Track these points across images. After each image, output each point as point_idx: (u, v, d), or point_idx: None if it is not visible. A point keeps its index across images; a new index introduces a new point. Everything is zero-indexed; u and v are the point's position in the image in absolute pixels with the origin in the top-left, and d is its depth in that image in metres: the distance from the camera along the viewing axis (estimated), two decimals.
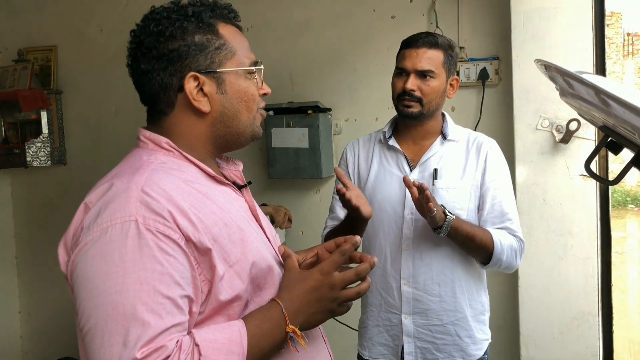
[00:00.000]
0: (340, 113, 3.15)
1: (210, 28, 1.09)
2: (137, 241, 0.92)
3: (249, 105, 1.13)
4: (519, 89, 2.61)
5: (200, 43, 1.07)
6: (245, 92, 1.12)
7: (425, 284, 1.83)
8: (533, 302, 2.63)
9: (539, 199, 2.61)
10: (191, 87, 1.07)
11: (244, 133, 1.14)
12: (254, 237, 1.10)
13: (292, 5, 3.17)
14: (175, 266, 0.94)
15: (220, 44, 1.09)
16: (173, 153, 1.09)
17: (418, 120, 1.84)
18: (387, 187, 1.88)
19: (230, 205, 1.09)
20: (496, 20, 2.81)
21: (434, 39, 1.81)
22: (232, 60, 1.10)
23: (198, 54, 1.07)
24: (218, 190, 1.10)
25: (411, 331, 1.85)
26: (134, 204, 0.95)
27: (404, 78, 1.81)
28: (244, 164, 3.62)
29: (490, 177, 1.84)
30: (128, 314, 0.89)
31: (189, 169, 1.08)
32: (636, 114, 0.55)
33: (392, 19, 2.99)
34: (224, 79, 1.09)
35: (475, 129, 2.80)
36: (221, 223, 1.02)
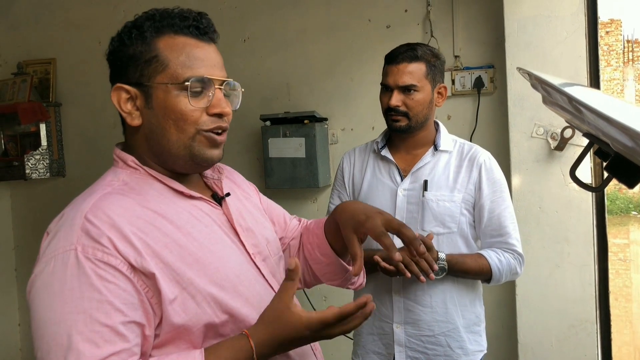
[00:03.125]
0: (336, 122, 3.16)
1: (143, 40, 1.04)
2: (76, 270, 0.91)
3: (178, 124, 1.03)
4: (514, 97, 2.62)
5: (132, 55, 1.04)
6: (173, 109, 1.02)
7: (417, 294, 1.82)
8: (531, 310, 2.62)
9: (535, 206, 2.61)
10: (117, 98, 1.05)
11: (178, 154, 1.05)
12: (223, 254, 1.05)
13: (288, 16, 3.20)
14: (115, 293, 0.92)
15: (151, 56, 1.03)
16: (139, 171, 1.06)
17: (408, 133, 1.84)
18: (379, 197, 1.88)
19: (194, 222, 1.04)
20: (491, 28, 2.82)
21: (413, 52, 1.80)
22: (162, 74, 1.03)
23: (129, 66, 1.05)
24: (184, 207, 1.05)
25: (402, 340, 1.85)
26: (76, 232, 0.94)
27: (388, 94, 1.82)
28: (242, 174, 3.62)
29: (486, 190, 1.83)
30: (65, 344, 0.88)
31: (153, 186, 1.05)
32: (606, 122, 0.56)
33: (387, 28, 3.01)
34: (152, 93, 1.03)
35: (471, 137, 2.81)
36: (173, 245, 0.99)
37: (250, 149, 3.34)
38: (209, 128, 1.04)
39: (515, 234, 1.87)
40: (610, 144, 0.64)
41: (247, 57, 3.27)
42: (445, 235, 1.81)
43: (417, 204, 1.82)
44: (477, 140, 2.77)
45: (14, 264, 3.79)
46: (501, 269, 1.81)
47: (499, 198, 1.84)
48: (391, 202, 1.86)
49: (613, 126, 0.55)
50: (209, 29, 1.08)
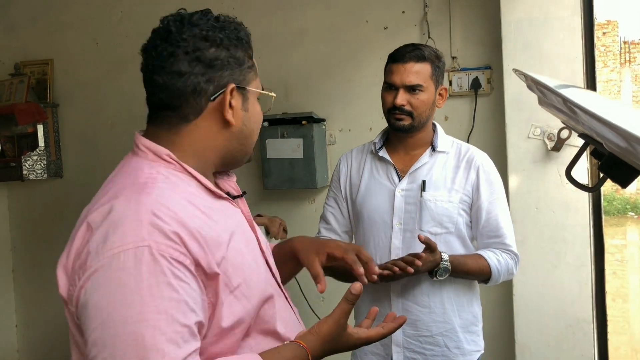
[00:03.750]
0: (334, 123, 3.17)
1: (248, 46, 1.12)
2: (153, 268, 0.90)
3: (259, 127, 1.16)
4: (511, 98, 2.63)
5: (239, 58, 1.09)
6: (259, 114, 1.15)
7: (415, 295, 1.83)
8: (528, 310, 2.63)
9: (532, 207, 2.62)
10: (230, 97, 1.07)
11: (249, 153, 1.16)
12: (253, 255, 1.11)
13: (286, 17, 3.21)
14: (189, 292, 0.92)
15: (250, 64, 1.11)
16: (174, 166, 1.05)
17: (410, 132, 1.85)
18: (377, 198, 1.89)
19: (230, 223, 1.07)
20: (487, 30, 2.83)
21: (421, 52, 1.81)
22: (255, 82, 1.13)
23: (236, 67, 1.08)
24: (217, 207, 1.07)
25: (400, 341, 1.86)
26: (145, 227, 0.92)
27: (393, 92, 1.81)
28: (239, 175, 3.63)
29: (484, 192, 1.84)
30: (148, 344, 0.87)
31: (190, 184, 1.05)
32: (600, 123, 0.56)
33: (384, 29, 3.02)
34: (249, 97, 1.11)
35: (468, 138, 2.82)
36: (224, 246, 1.01)
37: None
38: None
39: (511, 234, 1.88)
40: (604, 144, 0.65)
41: None
42: (442, 236, 1.83)
43: (415, 204, 1.83)
44: (474, 141, 2.79)
45: (11, 265, 3.79)
46: (500, 269, 1.82)
47: (496, 199, 1.85)
48: (389, 202, 1.87)
49: (606, 127, 0.56)
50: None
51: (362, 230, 1.92)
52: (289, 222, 3.19)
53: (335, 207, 2.04)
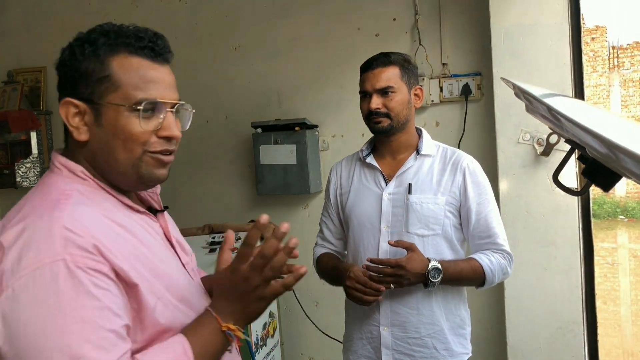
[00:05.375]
0: (327, 129, 3.20)
1: (96, 57, 1.03)
2: (70, 280, 0.90)
3: (127, 144, 1.03)
4: (500, 103, 2.67)
5: (84, 71, 1.03)
6: (123, 130, 1.02)
7: (403, 297, 1.86)
8: (519, 312, 2.67)
9: (522, 210, 2.66)
10: (66, 112, 1.04)
11: (125, 173, 1.06)
12: (173, 266, 1.11)
13: (278, 24, 3.24)
14: (111, 299, 0.93)
15: (104, 75, 1.02)
16: (89, 182, 1.05)
17: (391, 134, 1.89)
18: (365, 203, 1.93)
19: (148, 236, 1.07)
20: (477, 37, 2.88)
21: (386, 58, 1.88)
22: (114, 94, 1.02)
23: (81, 81, 1.03)
24: (135, 220, 1.07)
25: (389, 343, 1.88)
26: (59, 242, 0.92)
27: (367, 100, 1.88)
28: (233, 181, 3.63)
29: (471, 193, 1.87)
30: (75, 354, 0.88)
31: (107, 199, 1.06)
32: (582, 130, 0.59)
33: (376, 37, 3.06)
34: (102, 112, 1.03)
35: (459, 144, 2.86)
36: (143, 257, 1.02)
37: (242, 156, 3.36)
38: (156, 150, 1.05)
39: (503, 234, 1.90)
40: (587, 150, 0.68)
41: (238, 65, 3.31)
42: (429, 237, 1.85)
43: (402, 207, 1.86)
44: (465, 145, 2.82)
45: None
46: (493, 270, 1.84)
47: (484, 200, 1.88)
48: (377, 206, 1.90)
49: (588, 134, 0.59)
50: (165, 50, 1.08)
51: (352, 235, 1.96)
52: None
53: (327, 217, 2.09)
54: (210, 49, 3.36)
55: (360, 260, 1.92)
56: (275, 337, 3.05)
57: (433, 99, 2.94)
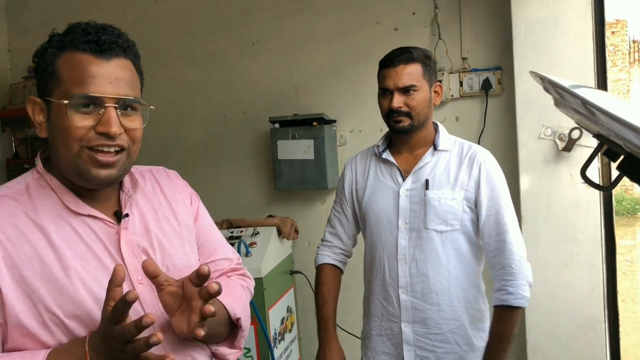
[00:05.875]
0: (345, 124, 3.18)
1: (46, 55, 1.05)
2: None
3: (64, 140, 1.02)
4: (522, 98, 2.64)
5: (39, 69, 1.06)
6: (62, 125, 1.02)
7: (424, 293, 1.84)
8: (539, 309, 2.64)
9: (543, 207, 2.63)
10: (31, 109, 1.07)
11: (67, 169, 1.05)
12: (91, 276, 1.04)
13: (296, 19, 3.23)
14: None
15: (50, 72, 1.04)
16: (42, 177, 1.08)
17: (411, 133, 1.86)
18: (382, 199, 1.91)
19: (73, 240, 1.04)
20: (498, 31, 2.85)
21: (409, 54, 1.83)
22: (57, 90, 1.03)
23: (39, 80, 1.07)
24: (71, 222, 1.06)
25: (411, 339, 1.87)
26: None
27: (388, 97, 1.84)
28: (251, 176, 3.62)
29: (484, 188, 1.84)
30: None
31: (49, 196, 1.07)
32: (619, 123, 0.58)
33: (395, 31, 3.03)
34: (50, 109, 1.05)
35: (479, 139, 2.83)
36: (37, 261, 1.00)
37: (259, 151, 3.36)
38: (91, 144, 1.02)
39: (514, 232, 1.82)
40: (623, 145, 0.66)
41: (256, 60, 3.30)
42: (448, 233, 1.83)
43: (420, 203, 1.84)
44: (485, 141, 2.80)
45: None
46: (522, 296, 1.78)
47: (496, 196, 1.84)
48: (394, 202, 1.88)
49: (627, 128, 0.58)
50: (112, 44, 1.05)
51: (370, 232, 1.94)
52: (299, 223, 3.21)
53: (340, 211, 2.07)
54: (228, 44, 3.36)
55: (378, 256, 1.91)
56: (293, 331, 3.06)
57: (453, 93, 2.92)
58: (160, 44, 3.42)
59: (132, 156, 1.09)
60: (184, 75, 3.44)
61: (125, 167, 1.08)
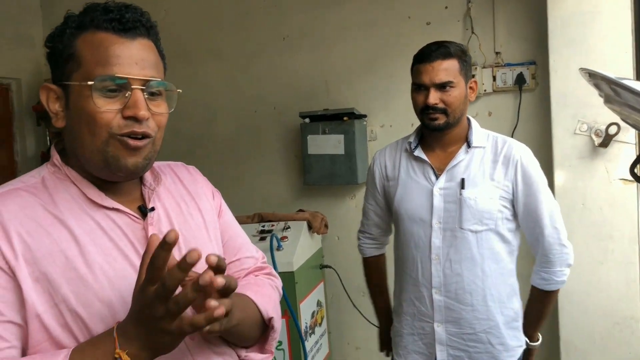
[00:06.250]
0: (375, 119, 3.18)
1: (63, 36, 0.96)
2: None
3: (91, 127, 0.93)
4: (557, 93, 2.60)
5: (55, 52, 0.97)
6: (85, 110, 0.93)
7: (457, 293, 1.83)
8: (573, 307, 2.61)
9: (578, 203, 2.60)
10: (46, 97, 0.98)
11: (92, 160, 0.96)
12: (117, 273, 0.95)
13: (327, 13, 3.23)
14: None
15: (68, 54, 0.95)
16: (60, 170, 1.00)
17: (446, 130, 1.82)
18: (414, 197, 1.88)
19: (98, 235, 0.96)
20: (533, 25, 2.81)
21: (446, 49, 1.78)
22: (77, 73, 0.94)
23: (55, 64, 0.98)
24: (94, 216, 0.98)
25: (444, 339, 1.86)
26: None
27: (423, 93, 1.79)
28: (281, 171, 3.62)
29: (521, 186, 1.80)
30: None
31: (69, 189, 0.98)
32: None
33: (427, 25, 3.01)
34: (69, 93, 0.95)
35: (512, 134, 2.80)
36: (59, 256, 0.92)
37: (289, 146, 3.38)
38: (122, 132, 0.94)
39: (552, 223, 1.85)
40: None
41: (287, 55, 3.31)
42: (482, 233, 1.80)
43: (455, 203, 1.81)
44: (519, 136, 2.77)
45: None
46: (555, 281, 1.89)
47: (534, 192, 1.81)
48: (427, 201, 1.85)
49: None
50: (136, 23, 0.96)
51: (402, 230, 1.92)
52: (329, 217, 3.22)
53: (374, 204, 2.06)
54: (258, 40, 3.37)
55: (410, 255, 1.90)
56: (323, 325, 3.07)
57: (486, 88, 2.89)
58: (191, 39, 3.45)
59: (157, 144, 1.01)
60: (214, 71, 3.46)
61: (150, 156, 1.00)
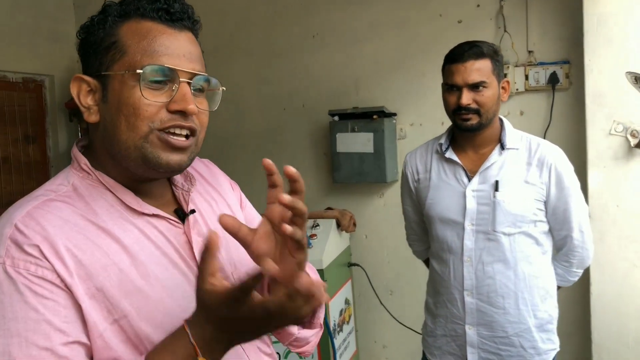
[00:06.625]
0: (405, 118, 3.16)
1: (104, 24, 0.90)
2: (7, 287, 0.80)
3: (129, 119, 0.87)
4: (592, 93, 2.56)
5: (92, 42, 0.90)
6: (126, 102, 0.87)
7: (489, 296, 1.82)
8: (606, 309, 2.58)
9: (612, 205, 2.56)
10: (77, 90, 0.91)
11: (129, 156, 0.88)
12: (171, 282, 0.91)
13: (358, 11, 3.22)
14: (54, 310, 0.80)
15: (110, 42, 0.89)
16: (91, 176, 0.93)
17: (478, 131, 1.81)
18: (446, 200, 1.87)
19: (144, 243, 0.91)
20: (567, 23, 2.77)
21: (479, 49, 1.77)
22: (120, 62, 0.88)
23: (90, 54, 0.91)
24: (136, 223, 0.92)
25: (475, 342, 1.85)
26: (4, 243, 0.82)
27: (456, 93, 1.78)
28: (309, 169, 3.65)
29: (554, 190, 1.80)
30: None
31: (105, 195, 0.92)
32: None
33: (458, 23, 2.99)
34: (108, 84, 0.89)
35: (545, 134, 2.77)
36: (113, 268, 0.86)
37: (318, 144, 3.38)
38: (164, 126, 0.87)
39: (580, 227, 1.86)
40: None
41: (316, 53, 3.31)
42: (515, 236, 1.80)
43: (489, 205, 1.79)
44: (552, 136, 2.74)
45: None
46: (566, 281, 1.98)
47: (565, 196, 1.81)
48: (460, 203, 1.84)
49: None
50: (183, 14, 0.91)
51: (435, 231, 1.92)
52: (357, 215, 3.22)
53: (412, 206, 2.07)
54: (289, 37, 3.38)
55: (443, 257, 1.90)
56: (350, 323, 3.08)
57: (518, 87, 2.86)
58: (221, 36, 3.47)
59: (199, 144, 0.94)
60: (243, 69, 3.48)
61: (193, 156, 0.94)
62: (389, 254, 3.23)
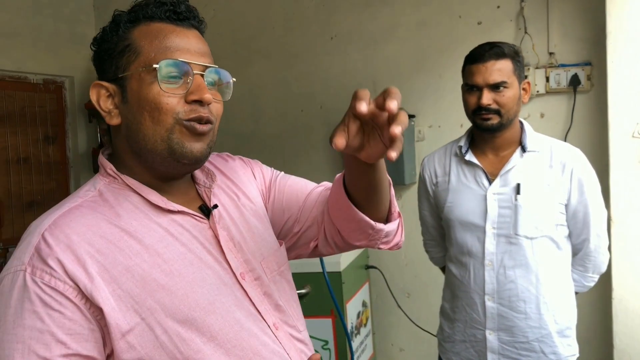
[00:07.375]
0: (423, 119, 3.15)
1: (117, 32, 0.96)
2: (21, 294, 0.84)
3: (154, 114, 0.92)
4: (615, 95, 2.53)
5: (107, 48, 0.96)
6: (146, 98, 0.92)
7: (511, 300, 1.80)
8: (628, 314, 2.54)
9: (635, 208, 2.52)
10: (97, 96, 0.96)
11: (156, 150, 0.93)
12: (196, 277, 0.94)
13: (376, 12, 3.21)
14: (60, 322, 0.84)
15: (124, 46, 0.95)
16: (117, 180, 0.97)
17: (499, 131, 1.80)
18: (466, 203, 1.85)
19: (169, 241, 0.94)
20: (589, 24, 2.74)
21: (500, 49, 1.75)
22: (135, 62, 0.93)
23: (105, 61, 0.96)
24: (161, 222, 0.96)
25: (495, 347, 1.83)
26: (30, 251, 0.86)
27: (476, 94, 1.77)
28: (326, 170, 3.64)
29: (574, 193, 1.78)
30: None
31: (130, 198, 0.96)
32: None
33: (478, 25, 2.97)
34: (127, 85, 0.94)
35: (565, 136, 2.74)
36: (136, 269, 0.89)
37: None
38: (188, 117, 0.93)
39: (597, 232, 1.84)
40: None
41: (334, 54, 3.31)
42: (537, 239, 1.78)
43: (511, 208, 1.78)
44: (573, 139, 2.71)
45: None
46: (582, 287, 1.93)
47: (585, 200, 1.79)
48: (481, 206, 1.83)
49: None
50: (190, 14, 0.98)
51: (454, 235, 1.90)
52: None
53: (430, 210, 2.05)
54: (306, 39, 3.38)
55: (463, 261, 1.88)
56: (368, 326, 3.06)
57: (538, 89, 2.83)
58: (239, 38, 3.48)
59: (215, 133, 1.00)
60: (262, 70, 3.49)
61: (212, 144, 0.99)
62: (406, 256, 3.22)
